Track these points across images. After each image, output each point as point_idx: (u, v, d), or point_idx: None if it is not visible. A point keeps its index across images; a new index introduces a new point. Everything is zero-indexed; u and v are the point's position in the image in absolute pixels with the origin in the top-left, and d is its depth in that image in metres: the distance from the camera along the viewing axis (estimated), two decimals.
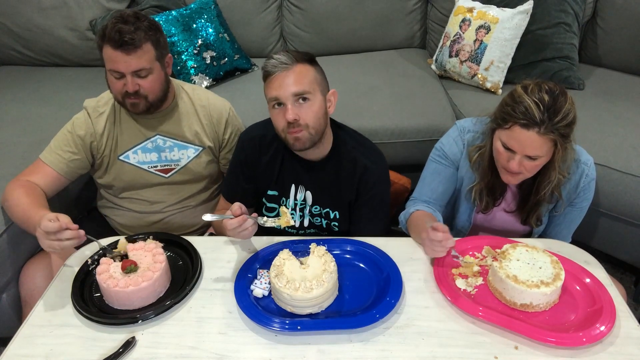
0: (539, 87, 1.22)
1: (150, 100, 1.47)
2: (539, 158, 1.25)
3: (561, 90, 1.22)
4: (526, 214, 1.45)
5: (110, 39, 1.36)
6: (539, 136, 1.20)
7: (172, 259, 1.33)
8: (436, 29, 2.65)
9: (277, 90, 1.28)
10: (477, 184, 1.45)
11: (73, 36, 2.50)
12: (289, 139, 1.33)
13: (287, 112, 1.28)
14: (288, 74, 1.27)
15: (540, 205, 1.41)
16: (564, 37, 2.25)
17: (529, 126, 1.20)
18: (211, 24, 2.38)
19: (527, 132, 1.20)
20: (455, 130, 1.48)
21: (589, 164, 1.39)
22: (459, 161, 1.47)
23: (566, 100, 1.21)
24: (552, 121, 1.19)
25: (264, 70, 1.31)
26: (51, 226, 1.15)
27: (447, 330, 1.12)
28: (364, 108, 2.18)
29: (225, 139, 1.64)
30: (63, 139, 1.53)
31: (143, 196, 1.63)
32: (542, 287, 1.13)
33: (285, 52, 1.30)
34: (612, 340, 1.08)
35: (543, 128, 1.19)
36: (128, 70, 1.39)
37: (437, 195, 1.49)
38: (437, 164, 1.49)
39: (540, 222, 1.46)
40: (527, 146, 1.22)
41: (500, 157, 1.31)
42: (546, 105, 1.18)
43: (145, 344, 1.10)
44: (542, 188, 1.36)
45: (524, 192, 1.45)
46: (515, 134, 1.23)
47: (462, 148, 1.46)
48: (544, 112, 1.18)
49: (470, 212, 1.52)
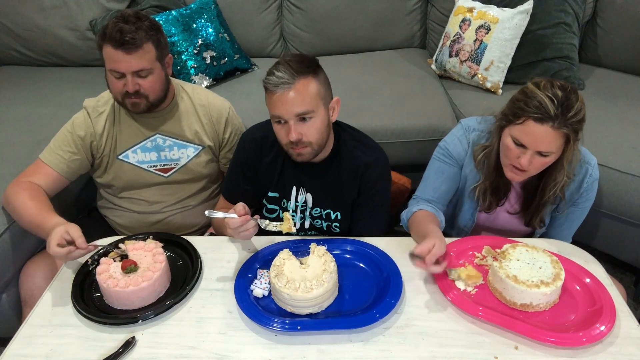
0: (551, 84, 1.23)
1: (150, 100, 1.46)
2: (550, 155, 1.25)
3: (572, 88, 1.24)
4: (530, 215, 1.45)
5: (111, 38, 1.36)
6: (553, 130, 1.20)
7: (172, 259, 1.33)
8: (436, 29, 2.65)
9: (279, 109, 1.26)
10: (481, 183, 1.44)
11: (73, 36, 2.50)
12: (291, 153, 1.33)
13: (290, 131, 1.27)
14: (290, 93, 1.24)
15: (544, 207, 1.41)
16: (564, 37, 2.25)
17: (543, 120, 1.20)
18: (211, 24, 2.38)
19: (542, 127, 1.21)
20: (460, 129, 1.48)
21: (592, 164, 1.40)
22: (463, 160, 1.47)
23: (577, 97, 1.22)
24: (565, 116, 1.19)
25: (265, 86, 1.27)
26: (60, 252, 1.19)
27: (447, 330, 1.12)
28: (364, 108, 2.18)
29: (225, 138, 1.64)
30: (63, 139, 1.53)
31: (142, 196, 1.63)
32: (542, 287, 1.13)
33: (286, 66, 1.24)
34: (612, 340, 1.08)
35: (557, 122, 1.19)
36: (129, 70, 1.39)
37: (440, 193, 1.48)
38: (441, 163, 1.49)
39: (543, 223, 1.46)
40: (540, 141, 1.23)
41: (510, 154, 1.30)
42: (560, 100, 1.19)
43: (145, 344, 1.10)
44: (548, 190, 1.35)
45: (528, 193, 1.44)
46: (529, 128, 1.23)
47: (466, 147, 1.46)
48: (558, 107, 1.19)
49: (474, 211, 1.52)
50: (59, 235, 1.19)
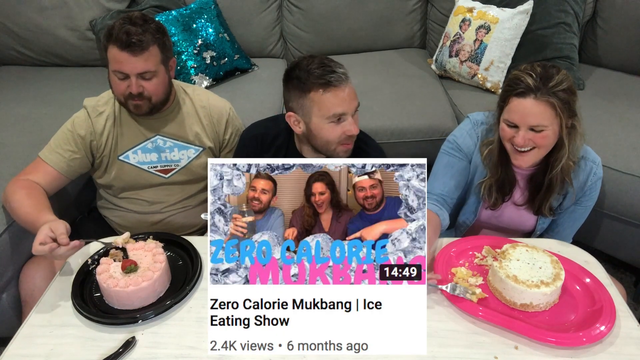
0: (531, 65, 1.29)
1: (153, 102, 1.46)
2: (545, 129, 1.26)
3: (553, 65, 1.29)
4: (538, 203, 1.44)
5: (118, 39, 1.36)
6: (536, 101, 1.23)
7: (172, 259, 1.32)
8: (436, 29, 2.65)
9: (342, 105, 1.30)
10: (487, 179, 1.44)
11: (73, 36, 2.50)
12: (339, 151, 1.36)
13: (352, 127, 1.31)
14: (349, 87, 1.31)
15: (553, 191, 1.40)
16: (564, 37, 2.25)
17: (525, 94, 1.24)
18: (211, 24, 2.38)
19: (524, 100, 1.25)
20: (469, 123, 1.48)
21: (597, 163, 1.41)
22: (472, 154, 1.47)
23: (558, 71, 1.27)
24: (546, 86, 1.23)
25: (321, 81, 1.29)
26: (41, 250, 1.16)
27: (447, 330, 1.12)
28: (364, 108, 2.14)
29: (226, 139, 1.64)
30: (63, 137, 1.53)
31: (143, 196, 1.63)
32: (542, 287, 1.13)
33: (333, 61, 1.31)
34: (612, 340, 1.08)
35: (539, 93, 1.23)
36: (133, 72, 1.39)
37: (448, 189, 1.46)
38: (450, 157, 1.48)
39: (553, 212, 1.46)
40: (527, 115, 1.25)
41: (506, 136, 1.32)
42: (538, 74, 1.25)
43: (145, 344, 1.09)
44: (554, 168, 1.35)
45: (533, 186, 1.44)
46: (513, 105, 1.27)
47: (476, 140, 1.46)
48: (537, 79, 1.24)
49: (477, 207, 1.52)
50: (43, 233, 1.17)
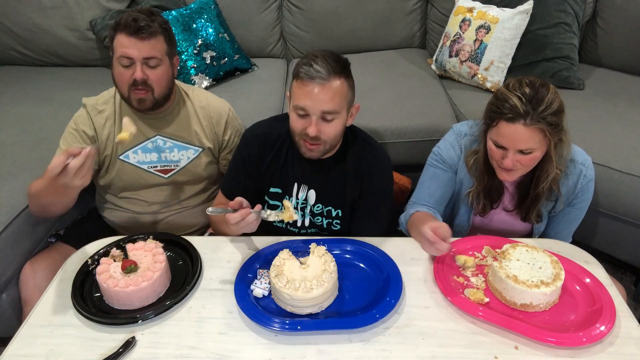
0: (520, 83, 1.25)
1: (156, 95, 1.46)
2: (533, 151, 1.25)
3: (542, 82, 1.25)
4: (526, 209, 1.45)
5: (127, 25, 1.38)
6: (525, 128, 1.21)
7: (172, 259, 1.33)
8: (436, 29, 2.65)
9: (306, 100, 1.25)
10: (474, 188, 1.45)
11: (73, 36, 2.50)
12: (301, 146, 1.34)
13: (310, 126, 1.27)
14: (323, 89, 1.24)
15: (539, 200, 1.41)
16: (564, 37, 2.25)
17: (515, 119, 1.22)
18: (211, 24, 2.37)
19: (514, 126, 1.22)
20: (452, 134, 1.49)
21: (586, 164, 1.39)
22: (457, 165, 1.47)
23: (548, 90, 1.23)
24: (536, 111, 1.21)
25: (297, 72, 1.26)
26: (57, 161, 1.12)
27: (447, 330, 1.12)
28: (364, 108, 2.14)
29: (225, 140, 1.64)
30: (71, 137, 1.54)
31: (142, 196, 1.63)
32: (542, 287, 1.13)
33: (324, 61, 1.25)
34: (612, 340, 1.08)
35: (529, 119, 1.21)
36: (140, 56, 1.39)
37: (435, 199, 1.49)
38: (435, 168, 1.50)
39: (540, 218, 1.46)
40: (516, 140, 1.24)
41: (494, 156, 1.32)
42: (528, 97, 1.21)
43: (145, 344, 1.10)
44: (541, 182, 1.35)
45: (521, 193, 1.45)
46: (502, 129, 1.25)
47: (459, 152, 1.46)
48: (527, 104, 1.21)
49: (469, 214, 1.53)
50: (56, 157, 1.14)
